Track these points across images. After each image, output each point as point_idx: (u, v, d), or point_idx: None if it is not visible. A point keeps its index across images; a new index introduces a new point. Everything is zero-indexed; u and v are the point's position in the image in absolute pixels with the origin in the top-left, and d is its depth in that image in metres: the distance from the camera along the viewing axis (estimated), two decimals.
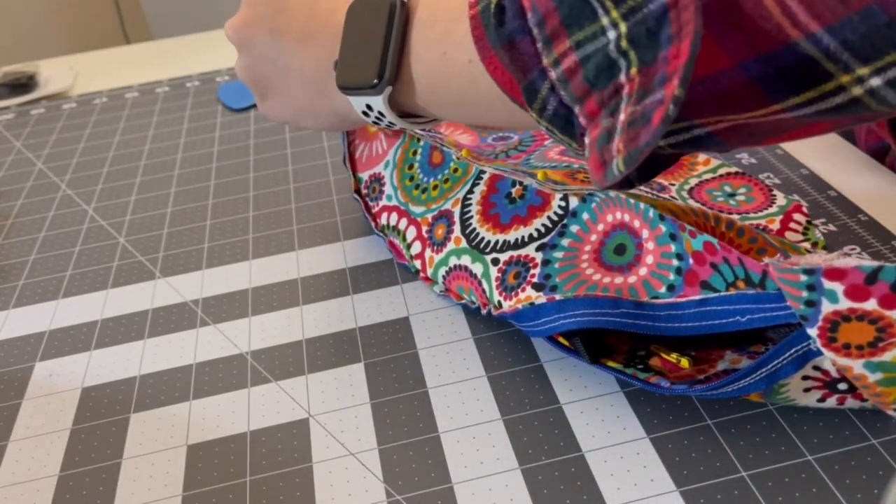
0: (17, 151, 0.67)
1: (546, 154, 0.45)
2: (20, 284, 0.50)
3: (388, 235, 0.48)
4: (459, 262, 0.42)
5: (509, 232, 0.41)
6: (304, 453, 0.36)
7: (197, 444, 0.37)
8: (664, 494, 0.32)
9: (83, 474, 0.36)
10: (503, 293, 0.39)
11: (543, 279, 0.38)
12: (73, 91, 0.78)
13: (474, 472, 0.34)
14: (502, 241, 0.41)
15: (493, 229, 0.42)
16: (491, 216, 0.42)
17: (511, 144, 0.49)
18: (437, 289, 0.44)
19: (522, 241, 0.40)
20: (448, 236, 0.43)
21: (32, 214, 0.57)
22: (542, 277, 0.38)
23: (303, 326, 0.43)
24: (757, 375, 0.31)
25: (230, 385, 0.40)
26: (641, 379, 0.34)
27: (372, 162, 0.50)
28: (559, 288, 0.37)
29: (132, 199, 0.58)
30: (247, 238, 0.51)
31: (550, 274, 0.38)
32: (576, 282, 0.37)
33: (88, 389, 0.41)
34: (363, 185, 0.50)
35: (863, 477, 0.31)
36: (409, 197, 0.47)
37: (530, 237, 0.40)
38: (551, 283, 0.38)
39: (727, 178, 0.47)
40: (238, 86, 0.73)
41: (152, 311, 0.46)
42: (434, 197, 0.45)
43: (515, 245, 0.40)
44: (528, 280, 0.39)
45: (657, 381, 0.34)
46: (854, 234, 0.44)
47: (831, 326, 0.28)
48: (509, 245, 0.41)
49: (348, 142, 0.51)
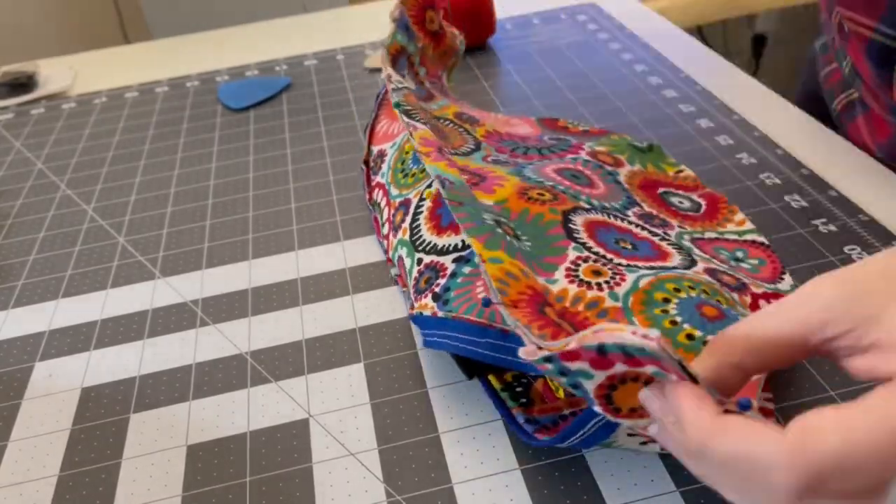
0: (16, 151, 0.67)
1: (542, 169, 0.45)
2: (20, 284, 0.50)
3: (373, 211, 0.49)
4: (399, 252, 0.42)
5: (442, 236, 0.40)
6: (303, 453, 0.36)
7: (197, 445, 0.37)
8: (664, 494, 0.32)
9: (83, 474, 0.36)
10: (415, 294, 0.39)
11: (443, 291, 0.37)
12: (72, 91, 0.78)
13: (474, 472, 0.34)
14: (433, 243, 0.40)
15: (433, 230, 0.41)
16: (436, 216, 0.42)
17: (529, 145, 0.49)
18: (394, 271, 0.44)
19: (446, 249, 0.39)
20: (401, 224, 0.43)
21: (32, 214, 0.57)
22: (443, 289, 0.37)
23: (303, 326, 0.43)
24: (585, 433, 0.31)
25: (230, 385, 0.40)
26: (508, 408, 0.34)
27: (386, 138, 0.51)
28: (449, 303, 0.36)
29: (132, 199, 0.58)
30: (247, 238, 0.51)
31: (450, 287, 0.37)
32: (463, 301, 0.36)
33: (88, 389, 0.41)
34: (372, 157, 0.51)
35: None
36: (394, 179, 0.47)
37: (454, 247, 0.39)
38: (446, 297, 0.37)
39: (745, 245, 0.43)
40: (238, 85, 0.73)
41: (152, 311, 0.46)
42: (409, 184, 0.45)
43: (440, 251, 0.40)
44: (432, 288, 0.38)
45: (517, 416, 0.34)
46: (854, 234, 0.44)
47: (606, 397, 0.28)
48: (436, 249, 0.40)
49: (375, 115, 0.53)
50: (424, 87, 0.53)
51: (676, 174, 0.50)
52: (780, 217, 0.46)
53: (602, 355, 0.26)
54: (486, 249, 0.34)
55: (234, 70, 0.77)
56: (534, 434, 0.33)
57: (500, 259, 0.34)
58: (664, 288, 0.35)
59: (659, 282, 0.35)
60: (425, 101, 0.52)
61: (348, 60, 0.76)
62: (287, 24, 0.89)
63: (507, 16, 0.81)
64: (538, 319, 0.31)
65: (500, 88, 0.65)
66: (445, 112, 0.52)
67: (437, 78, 0.55)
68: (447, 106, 0.53)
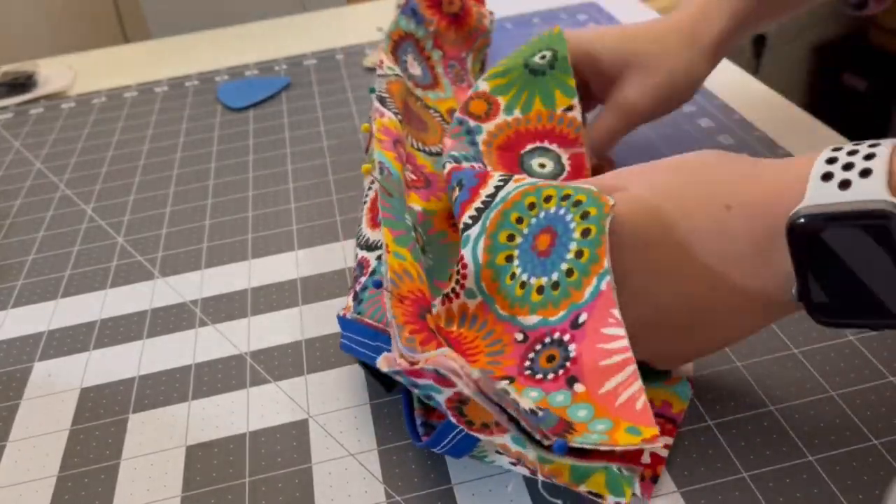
0: (15, 151, 0.67)
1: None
2: (19, 284, 0.50)
3: None
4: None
5: (375, 230, 0.39)
6: (303, 454, 0.36)
7: (196, 445, 0.37)
8: (665, 495, 0.32)
9: (82, 475, 0.36)
10: (348, 290, 0.38)
11: (361, 290, 0.36)
12: (72, 90, 0.78)
13: (474, 472, 0.34)
14: (366, 237, 0.39)
15: (369, 223, 0.40)
16: (375, 208, 0.40)
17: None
18: None
19: (375, 245, 0.38)
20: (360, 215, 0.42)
21: (31, 214, 0.57)
22: (361, 288, 0.37)
23: (302, 326, 0.43)
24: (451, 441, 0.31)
25: (229, 385, 0.40)
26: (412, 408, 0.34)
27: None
28: (362, 303, 0.36)
29: (131, 199, 0.58)
30: (246, 238, 0.51)
31: (367, 286, 0.36)
32: (373, 302, 0.35)
33: (87, 390, 0.41)
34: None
35: (864, 477, 0.31)
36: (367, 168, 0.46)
37: (380, 244, 0.38)
38: (361, 296, 0.36)
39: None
40: (238, 85, 0.73)
41: (151, 312, 0.46)
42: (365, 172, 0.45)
43: (369, 246, 0.38)
44: (354, 286, 0.37)
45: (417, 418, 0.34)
46: None
47: (457, 409, 0.28)
48: (367, 244, 0.39)
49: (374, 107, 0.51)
50: (434, 72, 0.52)
51: (564, 113, 0.45)
52: None
53: (441, 377, 0.27)
54: (395, 243, 0.34)
55: (234, 70, 0.77)
56: (421, 436, 0.33)
57: (403, 256, 0.34)
58: (498, 243, 0.34)
59: (492, 237, 0.34)
60: (426, 89, 0.51)
61: (348, 60, 0.76)
62: (286, 23, 0.89)
63: (507, 15, 0.81)
64: (414, 322, 0.31)
65: None
66: (440, 105, 0.51)
67: (459, 60, 0.54)
68: (446, 99, 0.52)
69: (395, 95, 0.45)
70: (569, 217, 0.32)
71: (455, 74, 0.54)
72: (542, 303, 0.32)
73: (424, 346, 0.30)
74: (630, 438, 0.26)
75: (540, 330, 0.32)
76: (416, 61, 0.51)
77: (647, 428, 0.27)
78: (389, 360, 0.29)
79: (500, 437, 0.28)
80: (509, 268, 0.33)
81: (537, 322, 0.32)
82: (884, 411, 0.34)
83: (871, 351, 0.37)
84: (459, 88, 0.53)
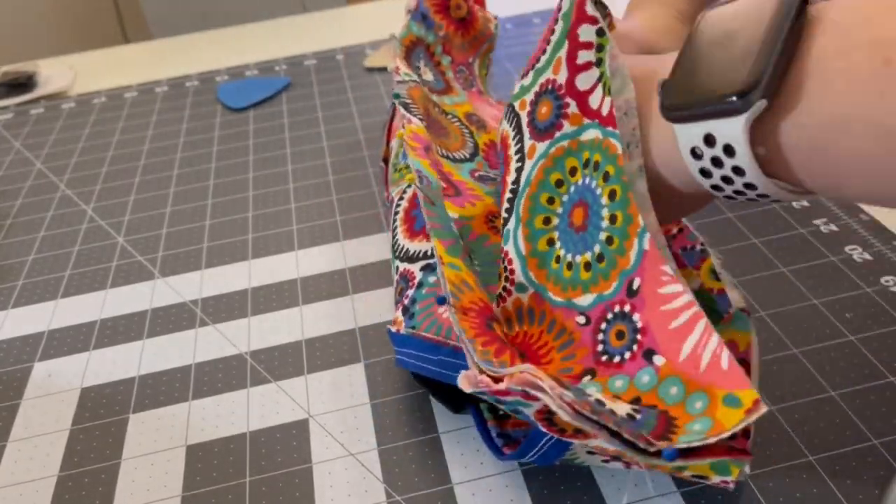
0: (16, 151, 0.67)
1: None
2: (19, 284, 0.50)
3: (389, 208, 0.47)
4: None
5: (414, 241, 0.38)
6: (303, 454, 0.36)
7: (196, 445, 0.37)
8: (665, 495, 0.32)
9: (82, 475, 0.36)
10: (395, 305, 0.37)
11: (410, 303, 0.36)
12: (72, 91, 0.78)
13: (474, 472, 0.34)
14: (405, 248, 0.39)
15: (406, 233, 0.39)
16: (410, 217, 0.40)
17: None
18: None
19: (416, 256, 0.37)
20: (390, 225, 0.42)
21: (31, 214, 0.57)
22: (410, 301, 0.36)
23: (302, 326, 0.43)
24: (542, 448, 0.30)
25: (230, 385, 0.40)
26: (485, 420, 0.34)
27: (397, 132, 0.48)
28: (414, 317, 0.35)
29: (131, 199, 0.58)
30: (246, 238, 0.51)
31: (416, 299, 0.36)
32: (426, 315, 0.35)
33: (87, 390, 0.41)
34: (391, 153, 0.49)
35: (864, 477, 0.31)
36: (391, 174, 0.46)
37: (423, 254, 0.37)
38: (412, 310, 0.35)
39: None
40: (238, 85, 0.73)
41: (151, 312, 0.46)
42: (395, 180, 0.44)
43: (411, 257, 0.38)
44: (402, 300, 0.37)
45: (491, 429, 0.33)
46: (855, 233, 0.44)
47: (547, 420, 0.28)
48: (407, 256, 0.38)
49: (392, 111, 0.50)
50: (445, 77, 0.52)
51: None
52: (781, 217, 0.46)
53: (527, 395, 0.26)
54: (447, 254, 0.33)
55: (234, 70, 0.77)
56: (502, 448, 0.33)
57: (458, 266, 0.33)
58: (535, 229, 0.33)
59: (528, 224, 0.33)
60: (440, 94, 0.50)
61: (348, 60, 0.76)
62: (286, 23, 0.89)
63: (507, 15, 0.81)
64: (484, 334, 0.31)
65: (500, 88, 0.65)
66: (457, 109, 0.50)
67: (467, 65, 0.54)
68: (462, 103, 0.52)
69: (417, 101, 0.45)
70: (594, 184, 0.31)
71: (464, 80, 0.53)
72: (592, 279, 0.31)
73: (499, 356, 0.29)
74: (732, 415, 0.25)
75: (598, 307, 0.31)
76: (427, 67, 0.51)
77: (745, 392, 0.26)
78: (471, 379, 0.28)
79: (595, 439, 0.27)
80: (553, 251, 0.33)
81: (593, 300, 0.31)
82: (884, 411, 0.34)
83: (871, 351, 0.37)
84: (471, 93, 0.53)
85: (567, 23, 0.33)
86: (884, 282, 0.41)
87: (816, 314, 0.39)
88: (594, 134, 0.31)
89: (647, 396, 0.28)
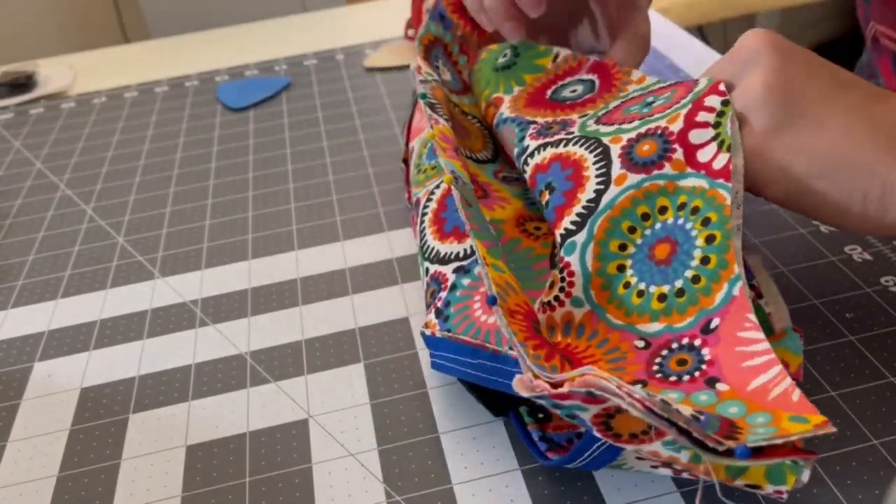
0: (15, 151, 0.67)
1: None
2: (19, 284, 0.50)
3: (411, 209, 0.47)
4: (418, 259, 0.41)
5: (445, 242, 0.38)
6: (303, 454, 0.36)
7: (196, 445, 0.37)
8: (665, 495, 0.32)
9: (82, 475, 0.36)
10: (426, 308, 0.37)
11: (444, 306, 0.35)
12: (72, 90, 0.78)
13: (474, 472, 0.34)
14: (436, 250, 0.38)
15: (435, 234, 0.39)
16: (440, 219, 0.39)
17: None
18: None
19: (448, 257, 0.37)
20: (415, 227, 0.42)
21: (31, 214, 0.57)
22: (444, 304, 0.35)
23: (302, 326, 0.43)
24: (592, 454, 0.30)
25: (229, 385, 0.40)
26: (525, 424, 0.33)
27: (417, 133, 0.48)
28: (449, 320, 0.35)
29: (131, 199, 0.58)
30: (246, 238, 0.51)
31: (450, 302, 0.35)
32: (462, 318, 0.34)
33: (87, 390, 0.41)
34: (411, 153, 0.48)
35: (864, 477, 0.31)
36: (412, 175, 0.46)
37: (455, 255, 0.37)
38: (446, 312, 0.35)
39: (655, 91, 0.40)
40: (238, 85, 0.73)
41: (151, 312, 0.46)
42: (420, 181, 0.44)
43: (442, 259, 0.37)
44: (435, 303, 0.36)
45: (532, 433, 0.33)
46: (855, 233, 0.44)
47: (604, 424, 0.28)
48: (438, 257, 0.38)
49: (412, 111, 0.50)
50: (462, 77, 0.51)
51: (556, 63, 0.46)
52: (781, 218, 0.46)
53: (591, 396, 0.26)
54: (489, 255, 0.33)
55: (234, 70, 0.77)
56: (545, 452, 0.33)
57: (501, 268, 0.33)
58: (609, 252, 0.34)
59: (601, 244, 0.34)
60: (460, 94, 0.50)
61: (348, 60, 0.76)
62: (286, 23, 0.89)
63: None
64: (534, 338, 0.31)
65: None
66: (476, 110, 0.50)
67: None
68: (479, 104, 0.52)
69: (441, 102, 0.44)
70: (689, 225, 0.33)
71: None
72: (664, 310, 0.32)
73: (549, 361, 0.29)
74: (799, 427, 0.25)
75: (664, 336, 0.31)
76: (445, 67, 0.51)
77: (813, 416, 0.26)
78: (526, 383, 0.28)
79: (649, 444, 0.27)
80: (622, 277, 0.33)
81: (661, 329, 0.32)
82: (884, 411, 0.34)
83: (871, 351, 0.37)
84: None
85: (696, 97, 0.35)
86: (884, 282, 0.41)
87: (816, 314, 0.39)
88: (698, 182, 0.33)
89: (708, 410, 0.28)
